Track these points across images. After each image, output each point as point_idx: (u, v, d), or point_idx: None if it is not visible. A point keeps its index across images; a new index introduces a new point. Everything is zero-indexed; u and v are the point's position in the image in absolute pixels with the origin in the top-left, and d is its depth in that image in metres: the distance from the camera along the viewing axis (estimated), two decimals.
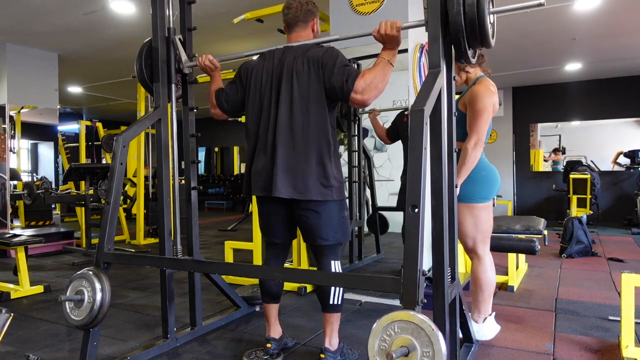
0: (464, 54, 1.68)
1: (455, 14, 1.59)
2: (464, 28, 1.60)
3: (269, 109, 2.00)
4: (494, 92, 2.28)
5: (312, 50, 1.97)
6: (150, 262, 2.57)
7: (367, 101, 1.85)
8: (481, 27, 1.60)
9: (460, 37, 1.62)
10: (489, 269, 2.37)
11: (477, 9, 1.58)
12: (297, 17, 2.08)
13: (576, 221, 4.71)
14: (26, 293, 3.45)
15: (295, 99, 1.94)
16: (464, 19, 1.59)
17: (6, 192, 5.28)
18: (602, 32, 5.39)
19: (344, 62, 1.91)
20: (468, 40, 1.64)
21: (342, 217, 2.05)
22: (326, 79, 1.90)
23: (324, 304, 2.05)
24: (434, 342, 1.23)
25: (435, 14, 1.64)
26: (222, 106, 2.17)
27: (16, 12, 4.59)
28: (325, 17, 3.66)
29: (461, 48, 1.65)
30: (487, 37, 1.63)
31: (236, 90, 2.14)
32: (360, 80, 1.82)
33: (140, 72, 2.39)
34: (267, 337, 2.20)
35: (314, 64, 1.93)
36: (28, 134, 7.30)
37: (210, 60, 2.23)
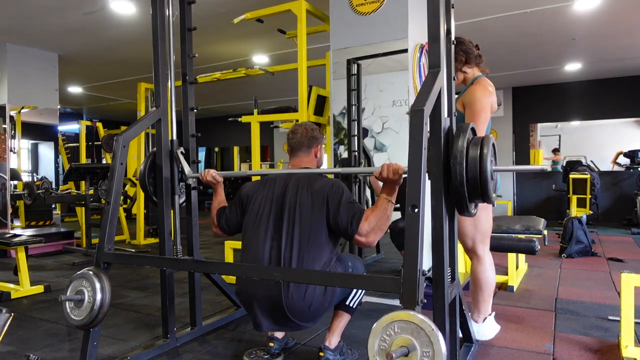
0: (465, 208, 1.69)
1: (457, 169, 1.60)
2: (465, 186, 1.61)
3: (266, 239, 1.96)
4: (491, 91, 2.28)
5: (318, 183, 1.96)
6: (150, 262, 2.57)
7: (371, 243, 1.84)
8: (483, 185, 1.61)
9: (462, 193, 1.62)
10: (488, 268, 2.37)
11: (480, 167, 1.59)
12: (302, 143, 2.11)
13: (576, 221, 4.71)
14: (26, 293, 3.45)
15: (296, 231, 1.90)
16: (466, 176, 1.60)
17: (6, 192, 5.28)
18: (602, 32, 5.39)
19: (349, 200, 1.90)
20: (469, 196, 1.64)
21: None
22: (331, 217, 1.88)
23: (340, 302, 2.05)
24: (434, 342, 1.23)
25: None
26: (222, 228, 2.19)
27: (16, 12, 4.59)
28: (325, 17, 3.66)
29: (462, 202, 1.66)
30: (489, 194, 1.63)
31: (236, 213, 2.14)
32: (364, 224, 1.81)
33: (142, 182, 2.40)
34: (270, 336, 2.20)
35: (318, 198, 1.92)
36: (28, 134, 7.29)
37: (212, 176, 2.25)
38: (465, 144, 1.61)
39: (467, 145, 1.61)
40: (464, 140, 1.61)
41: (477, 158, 1.59)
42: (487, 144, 1.61)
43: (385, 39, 3.14)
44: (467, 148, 1.61)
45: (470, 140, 1.63)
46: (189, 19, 2.52)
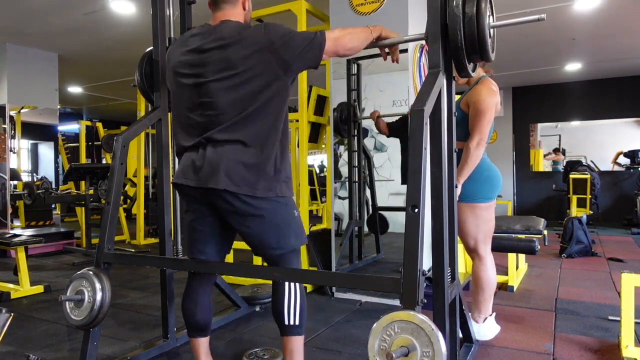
0: (464, 68, 1.68)
1: (455, 29, 1.58)
2: (463, 43, 1.60)
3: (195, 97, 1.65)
4: (496, 91, 2.28)
5: (248, 32, 1.62)
6: (150, 262, 2.57)
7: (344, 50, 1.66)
8: (481, 42, 1.60)
9: (460, 51, 1.61)
10: (489, 268, 2.37)
11: (477, 23, 1.58)
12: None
13: (576, 221, 4.71)
14: (26, 293, 3.45)
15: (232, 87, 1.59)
16: (463, 33, 1.59)
17: (6, 192, 5.28)
18: (602, 32, 5.39)
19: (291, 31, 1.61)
20: (468, 54, 1.64)
21: (291, 216, 1.70)
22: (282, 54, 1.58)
23: (280, 325, 1.72)
24: (434, 342, 1.23)
25: (435, 28, 1.64)
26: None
27: (16, 12, 4.59)
28: (325, 17, 3.66)
29: (461, 62, 1.65)
30: (487, 51, 1.62)
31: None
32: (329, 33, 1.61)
33: (140, 81, 2.39)
34: None
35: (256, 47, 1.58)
36: (28, 134, 7.31)
37: None
38: (460, 1, 1.59)
39: (464, 2, 1.59)
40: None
41: (474, 14, 1.57)
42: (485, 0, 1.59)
43: None
44: (463, 5, 1.59)
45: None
46: (189, 19, 2.51)
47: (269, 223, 1.64)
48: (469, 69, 1.70)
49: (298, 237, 1.72)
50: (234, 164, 1.58)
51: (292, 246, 1.71)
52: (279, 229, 1.66)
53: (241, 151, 1.61)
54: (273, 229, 1.65)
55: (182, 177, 1.66)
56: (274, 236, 1.66)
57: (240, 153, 1.60)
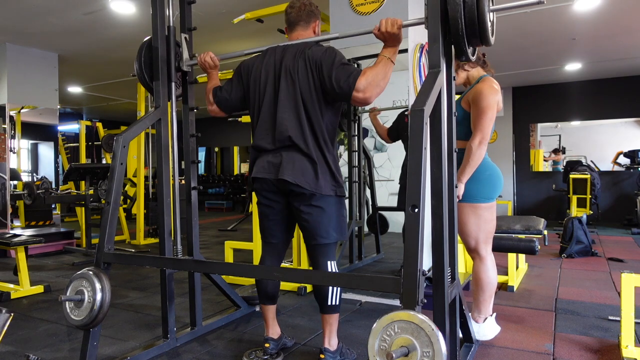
0: (464, 51, 1.68)
1: (455, 11, 1.58)
2: (463, 25, 1.60)
3: (271, 106, 2.00)
4: (497, 90, 2.28)
5: (312, 49, 1.96)
6: (150, 262, 2.57)
7: (369, 99, 1.85)
8: (481, 25, 1.60)
9: (460, 34, 1.61)
10: (490, 269, 2.36)
11: (477, 6, 1.58)
12: (300, 17, 2.09)
13: (576, 221, 4.71)
14: (26, 293, 3.45)
15: (297, 97, 1.94)
16: (463, 16, 1.59)
17: (6, 192, 5.28)
18: (602, 32, 5.39)
19: (342, 61, 1.91)
20: (468, 38, 1.63)
21: (341, 215, 2.06)
22: (326, 78, 1.89)
23: (322, 305, 2.05)
24: (434, 342, 1.23)
25: (435, 11, 1.64)
26: (219, 103, 2.17)
27: (16, 12, 4.59)
28: (326, 17, 3.66)
29: (461, 46, 1.65)
30: (486, 34, 1.63)
31: (234, 87, 2.15)
32: (362, 79, 1.82)
33: (140, 71, 2.39)
34: (266, 337, 2.21)
35: (313, 62, 1.93)
36: (28, 134, 7.30)
37: (211, 57, 2.24)
38: None
39: None
40: None
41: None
42: None
43: None
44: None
45: None
46: (189, 19, 2.51)
47: (327, 216, 1.98)
48: (469, 52, 1.69)
49: (342, 233, 2.08)
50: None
51: (336, 238, 2.04)
52: (331, 222, 2.00)
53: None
54: (328, 221, 1.99)
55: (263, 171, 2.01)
56: (325, 227, 1.99)
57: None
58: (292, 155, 1.94)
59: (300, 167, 1.93)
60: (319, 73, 1.91)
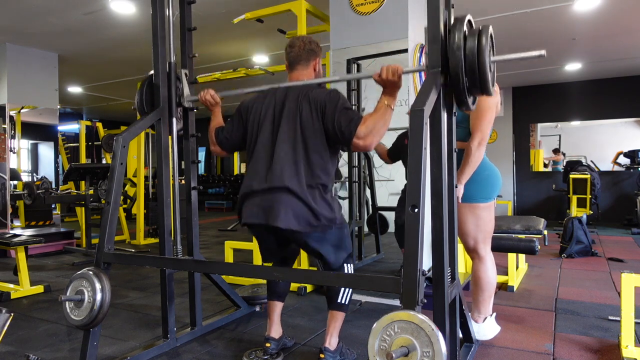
0: (465, 102, 1.68)
1: (456, 65, 1.58)
2: (464, 77, 1.59)
3: (268, 146, 1.97)
4: (496, 91, 2.28)
5: (315, 91, 1.96)
6: (150, 262, 2.57)
7: (368, 147, 1.84)
8: (482, 76, 1.60)
9: (461, 85, 1.61)
10: (490, 269, 2.37)
11: (478, 58, 1.57)
12: (300, 56, 2.08)
13: (576, 221, 4.71)
14: (26, 293, 3.45)
15: (298, 138, 1.92)
16: (464, 68, 1.58)
17: (6, 192, 5.28)
18: (602, 32, 5.39)
19: (345, 105, 1.90)
20: (469, 89, 1.63)
21: (342, 237, 2.07)
22: (328, 122, 1.88)
23: (331, 301, 2.07)
24: (434, 342, 1.23)
25: (436, 61, 1.64)
26: (221, 144, 2.17)
27: (16, 12, 4.59)
28: (326, 17, 3.66)
29: (461, 96, 1.65)
30: (487, 85, 1.62)
31: (235, 128, 2.13)
32: (362, 126, 1.81)
33: (140, 105, 2.39)
34: (267, 336, 2.20)
35: (316, 105, 1.92)
36: (28, 134, 7.30)
37: (211, 95, 2.23)
38: (462, 35, 1.59)
39: (465, 36, 1.59)
40: (461, 32, 1.59)
41: (475, 48, 1.57)
42: (485, 34, 1.59)
43: (385, 39, 3.14)
44: (464, 39, 1.59)
45: (467, 32, 1.61)
46: (189, 19, 2.51)
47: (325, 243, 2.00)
48: (469, 102, 1.70)
49: (347, 249, 2.11)
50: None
51: (343, 258, 2.09)
52: (335, 246, 2.04)
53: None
54: (328, 247, 2.02)
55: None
56: (328, 252, 2.03)
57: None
58: (285, 198, 1.88)
59: (293, 211, 1.87)
60: (323, 115, 1.90)
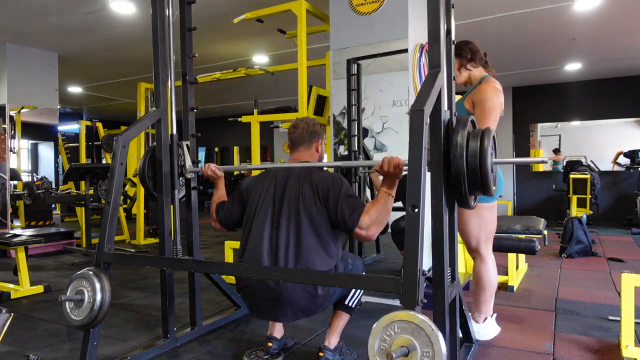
0: (466, 202, 1.68)
1: (458, 165, 1.60)
2: (466, 178, 1.60)
3: (265, 228, 1.95)
4: (500, 90, 2.29)
5: (318, 175, 1.97)
6: (150, 262, 2.57)
7: (371, 237, 1.84)
8: (483, 178, 1.60)
9: (462, 186, 1.62)
10: (491, 269, 2.36)
11: (480, 160, 1.58)
12: (303, 138, 2.12)
13: (576, 221, 4.71)
14: (26, 293, 3.45)
15: (301, 222, 1.90)
16: (466, 170, 1.60)
17: (6, 192, 5.28)
18: (602, 32, 5.39)
19: (348, 193, 1.91)
20: (470, 189, 1.64)
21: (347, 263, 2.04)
22: (332, 209, 1.89)
23: (339, 302, 2.07)
24: (434, 342, 1.23)
25: (438, 160, 1.65)
26: (221, 221, 2.19)
27: (16, 12, 4.58)
28: (326, 17, 3.66)
29: (462, 195, 1.65)
30: (489, 186, 1.62)
31: (234, 208, 2.14)
32: (365, 217, 1.81)
33: (142, 173, 2.40)
34: (269, 335, 2.20)
35: (319, 190, 1.92)
36: (28, 134, 7.30)
37: (212, 170, 2.27)
38: (465, 136, 1.60)
39: (467, 138, 1.60)
40: (464, 133, 1.60)
41: (477, 151, 1.58)
42: (488, 136, 1.60)
43: (385, 38, 3.14)
44: (467, 140, 1.60)
45: (470, 133, 1.62)
46: (189, 19, 2.52)
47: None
48: (470, 200, 1.70)
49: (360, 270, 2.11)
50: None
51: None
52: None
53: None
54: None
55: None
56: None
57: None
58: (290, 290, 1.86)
59: (299, 304, 1.89)
60: (326, 202, 1.90)
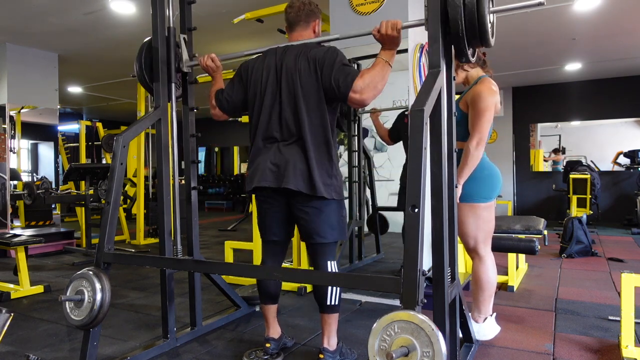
0: (464, 52, 1.68)
1: (455, 12, 1.59)
2: (463, 26, 1.60)
3: (272, 106, 2.01)
4: (495, 91, 2.28)
5: (314, 50, 1.97)
6: (150, 262, 2.57)
7: (365, 101, 1.86)
8: (481, 26, 1.60)
9: (460, 35, 1.61)
10: (490, 268, 2.36)
11: (477, 7, 1.58)
12: (299, 17, 2.09)
13: (576, 221, 4.71)
14: (26, 293, 3.45)
15: (298, 96, 1.94)
16: (463, 17, 1.59)
17: (6, 192, 5.28)
18: (602, 32, 5.39)
19: (343, 62, 1.92)
20: (468, 39, 1.63)
21: (340, 216, 2.07)
22: (325, 77, 1.90)
23: (321, 304, 2.05)
24: (434, 342, 1.23)
25: (435, 12, 1.64)
26: (221, 106, 2.16)
27: (16, 12, 4.59)
28: (326, 17, 3.65)
29: (461, 47, 1.65)
30: (487, 36, 1.63)
31: (236, 89, 2.14)
32: (359, 80, 1.82)
33: (140, 71, 2.39)
34: (267, 337, 2.20)
35: (315, 62, 1.94)
36: (28, 134, 7.30)
37: (212, 59, 2.23)
38: None
39: None
40: None
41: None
42: None
43: None
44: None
45: None
46: (189, 19, 2.51)
47: (325, 216, 1.99)
48: (469, 54, 1.70)
49: (342, 233, 2.08)
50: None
51: (335, 238, 2.05)
52: (329, 222, 2.00)
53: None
54: (326, 222, 1.99)
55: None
56: (322, 227, 2.00)
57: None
58: (294, 157, 1.94)
59: (301, 171, 1.93)
60: (321, 72, 1.92)
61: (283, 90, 1.98)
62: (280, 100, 1.99)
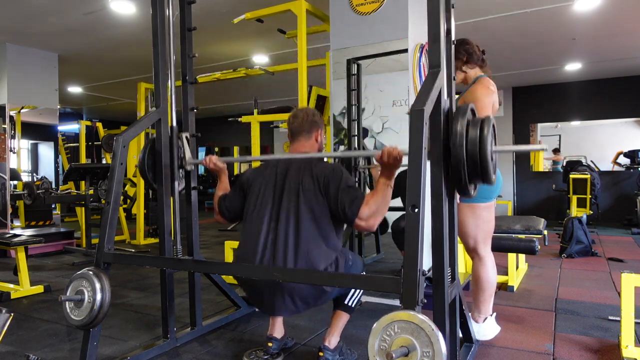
0: (466, 190, 1.68)
1: (458, 153, 1.59)
2: (465, 167, 1.60)
3: (269, 220, 1.96)
4: (493, 91, 2.28)
5: (319, 166, 1.98)
6: (150, 262, 2.57)
7: (371, 227, 1.86)
8: (483, 166, 1.60)
9: (462, 174, 1.62)
10: (490, 268, 2.37)
11: (480, 149, 1.58)
12: (302, 127, 2.12)
13: (576, 221, 4.71)
14: (26, 293, 3.45)
15: (302, 213, 1.91)
16: (466, 158, 1.59)
17: (6, 192, 5.28)
18: (602, 32, 5.39)
19: (348, 183, 1.91)
20: (469, 177, 1.64)
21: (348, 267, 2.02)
22: (332, 199, 1.89)
23: (338, 301, 2.07)
24: (434, 342, 1.23)
25: (438, 149, 1.65)
26: (223, 214, 2.19)
27: (16, 12, 4.59)
28: (325, 17, 3.66)
29: (462, 184, 1.65)
30: (489, 175, 1.62)
31: (235, 200, 2.15)
32: (364, 208, 1.82)
33: (142, 164, 2.39)
34: (269, 335, 2.20)
35: (319, 181, 1.93)
36: (28, 134, 7.30)
37: (214, 163, 2.26)
38: (464, 124, 1.60)
39: (467, 126, 1.60)
40: (464, 121, 1.60)
41: (477, 139, 1.58)
42: (488, 124, 1.60)
43: (385, 39, 3.14)
44: (466, 129, 1.60)
45: (470, 121, 1.62)
46: (189, 19, 2.51)
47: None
48: (470, 189, 1.70)
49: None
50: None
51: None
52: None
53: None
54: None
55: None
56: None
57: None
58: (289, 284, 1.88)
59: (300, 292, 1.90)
60: (326, 192, 1.91)
61: (283, 206, 1.94)
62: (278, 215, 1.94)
